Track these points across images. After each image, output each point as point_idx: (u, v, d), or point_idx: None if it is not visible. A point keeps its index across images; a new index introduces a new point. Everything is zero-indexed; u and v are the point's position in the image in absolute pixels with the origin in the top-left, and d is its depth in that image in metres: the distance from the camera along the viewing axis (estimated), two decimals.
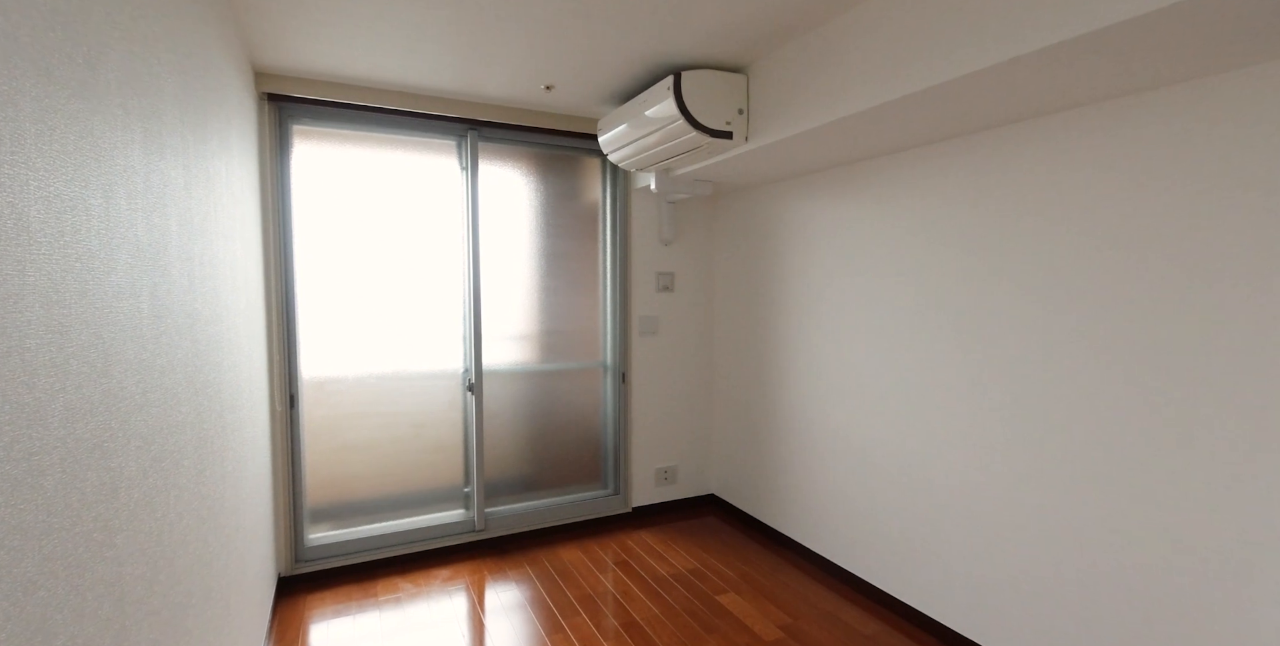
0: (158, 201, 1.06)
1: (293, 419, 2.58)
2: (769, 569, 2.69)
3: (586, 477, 3.28)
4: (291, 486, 2.58)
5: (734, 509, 3.31)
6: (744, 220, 3.17)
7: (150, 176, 1.03)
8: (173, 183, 1.15)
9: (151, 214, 1.02)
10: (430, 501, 2.92)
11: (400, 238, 2.77)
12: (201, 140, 1.44)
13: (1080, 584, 1.75)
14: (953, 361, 2.09)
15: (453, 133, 2.82)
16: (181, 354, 1.16)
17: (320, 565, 2.62)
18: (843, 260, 2.54)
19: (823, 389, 2.67)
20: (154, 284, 1.01)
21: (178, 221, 1.18)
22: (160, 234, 1.06)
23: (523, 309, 3.06)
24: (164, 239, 1.08)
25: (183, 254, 1.20)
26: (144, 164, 1.00)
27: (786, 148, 2.24)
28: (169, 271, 1.10)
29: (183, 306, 1.18)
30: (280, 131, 2.52)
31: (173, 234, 1.14)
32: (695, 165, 2.58)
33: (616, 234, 3.22)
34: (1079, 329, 1.74)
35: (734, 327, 3.29)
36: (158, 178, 1.07)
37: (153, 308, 1.00)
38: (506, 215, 2.98)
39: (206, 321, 1.38)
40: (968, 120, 1.87)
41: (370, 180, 2.70)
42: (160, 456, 1.01)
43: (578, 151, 3.12)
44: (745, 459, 3.22)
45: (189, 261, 1.25)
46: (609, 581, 2.59)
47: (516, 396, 3.07)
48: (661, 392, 3.35)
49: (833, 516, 2.63)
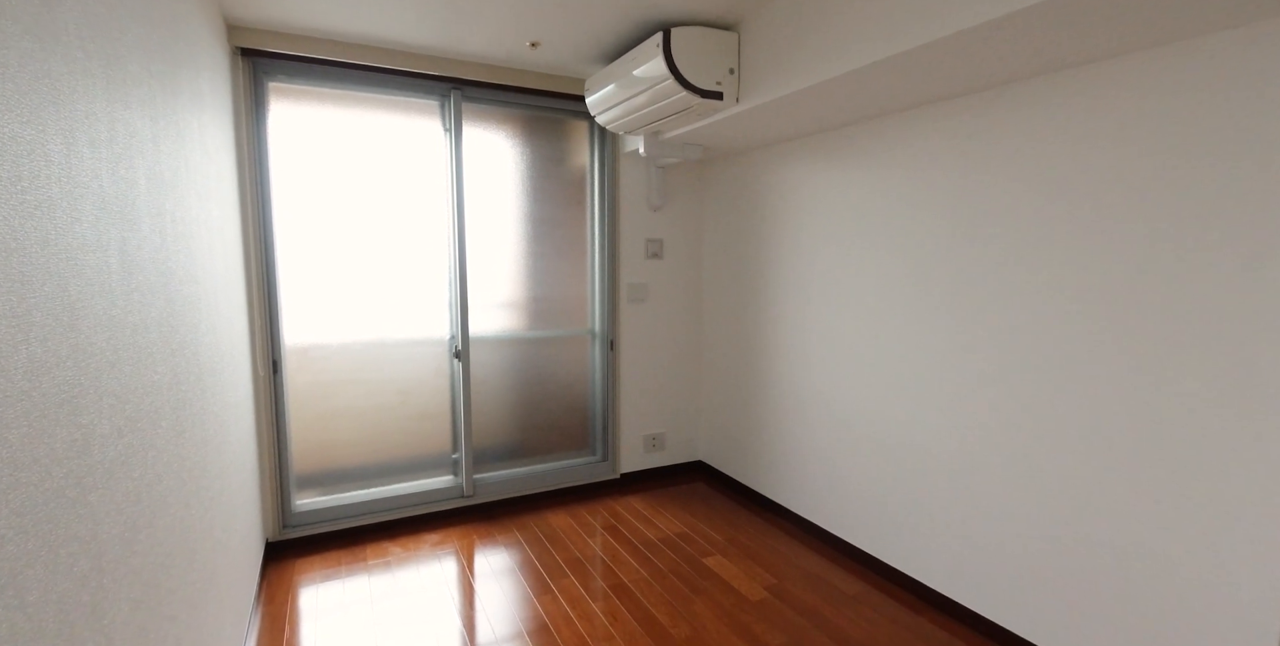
0: (123, 152, 1.01)
1: (276, 384, 2.55)
2: (755, 532, 2.73)
3: (575, 444, 3.29)
4: (277, 452, 2.56)
5: (721, 475, 3.35)
6: (734, 186, 3.13)
7: (115, 126, 0.98)
8: (139, 134, 1.10)
9: (117, 165, 0.97)
10: (418, 468, 2.92)
11: (383, 201, 2.71)
12: (171, 93, 1.38)
13: (1061, 547, 1.79)
14: (941, 329, 2.09)
15: (435, 92, 2.73)
16: (155, 313, 1.13)
17: (308, 530, 2.63)
18: (832, 227, 2.52)
19: (810, 356, 2.67)
20: (123, 238, 0.97)
21: (146, 175, 1.13)
22: (127, 186, 1.02)
23: (509, 275, 3.02)
24: (131, 192, 1.03)
25: (153, 209, 1.16)
26: (107, 112, 0.95)
27: (777, 109, 2.19)
28: (138, 226, 1.06)
29: (155, 264, 1.14)
30: (255, 89, 2.43)
31: (141, 187, 1.09)
32: (685, 128, 2.52)
33: (605, 199, 3.17)
34: (1069, 297, 1.74)
35: (723, 295, 3.27)
36: (123, 127, 1.02)
37: (122, 263, 0.96)
38: (491, 179, 2.92)
39: (181, 281, 1.34)
40: (961, 80, 1.83)
41: (351, 141, 2.62)
42: (135, 416, 0.98)
43: (564, 113, 3.04)
44: (733, 426, 3.24)
45: (160, 217, 1.20)
46: (597, 545, 2.62)
47: (504, 364, 3.06)
48: (650, 360, 3.34)
49: (818, 481, 2.66)
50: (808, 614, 2.11)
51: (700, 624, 2.05)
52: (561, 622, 2.06)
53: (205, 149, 1.74)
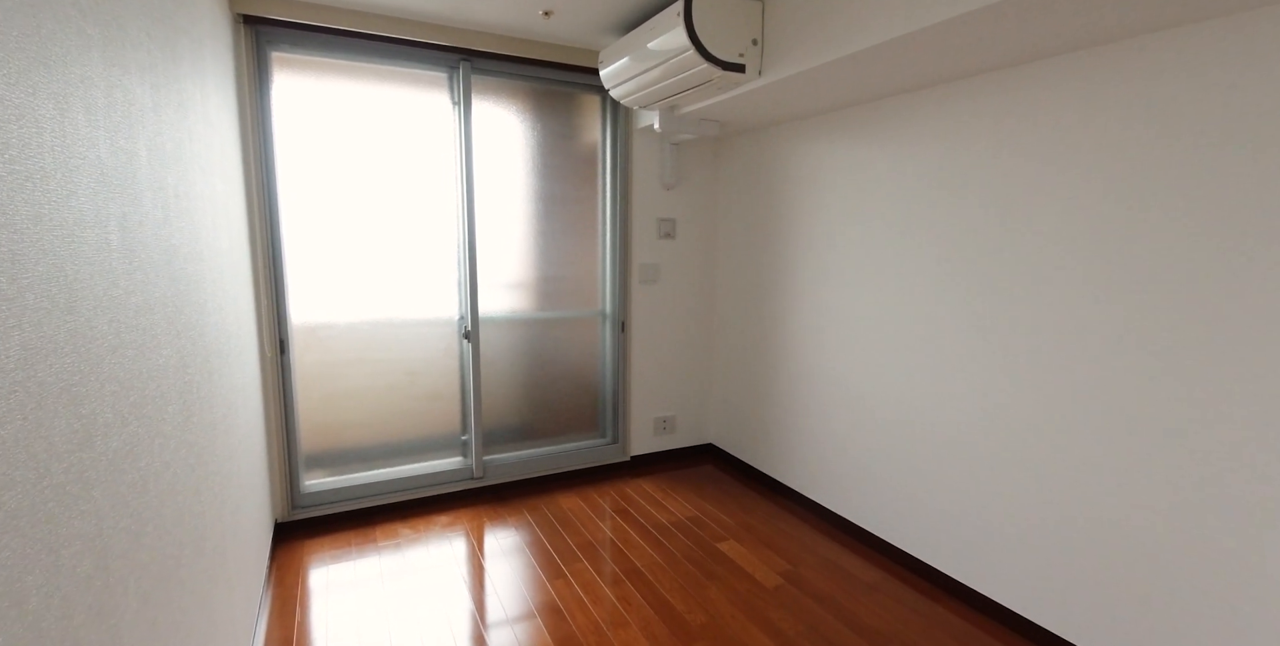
0: (122, 120, 0.94)
1: (284, 365, 2.51)
2: (768, 517, 2.70)
3: (585, 426, 3.26)
4: (285, 433, 2.53)
5: (732, 458, 3.32)
6: (751, 163, 3.04)
7: (113, 92, 0.91)
8: (139, 102, 1.03)
9: (116, 134, 0.91)
10: (428, 449, 2.89)
11: (390, 177, 2.63)
12: (172, 59, 1.30)
13: (1089, 537, 1.75)
14: (969, 313, 2.03)
15: (444, 63, 2.63)
16: (159, 292, 1.07)
17: (318, 511, 2.61)
18: (854, 206, 2.44)
19: (827, 339, 2.61)
20: (123, 213, 0.91)
21: (147, 146, 1.06)
22: (127, 158, 0.95)
23: (519, 255, 2.95)
24: (132, 164, 0.97)
25: (155, 183, 1.09)
26: (104, 76, 0.88)
27: (802, 83, 2.10)
28: (140, 201, 0.99)
29: (158, 241, 1.08)
30: (259, 58, 2.34)
31: (142, 159, 1.03)
32: (703, 102, 2.43)
33: (617, 177, 3.09)
34: (1106, 283, 1.67)
35: (736, 276, 3.20)
36: (121, 94, 0.95)
37: (123, 240, 0.90)
38: (501, 155, 2.83)
39: (186, 258, 1.28)
40: (999, 53, 1.74)
41: (357, 115, 2.54)
42: (140, 403, 0.93)
43: (576, 87, 2.94)
44: (744, 408, 3.20)
45: (162, 192, 1.14)
46: (608, 528, 2.60)
47: (513, 345, 3.01)
48: (661, 342, 3.29)
49: (833, 466, 2.62)
50: (824, 601, 2.08)
51: (716, 611, 2.02)
52: (575, 607, 2.04)
53: (208, 121, 1.66)
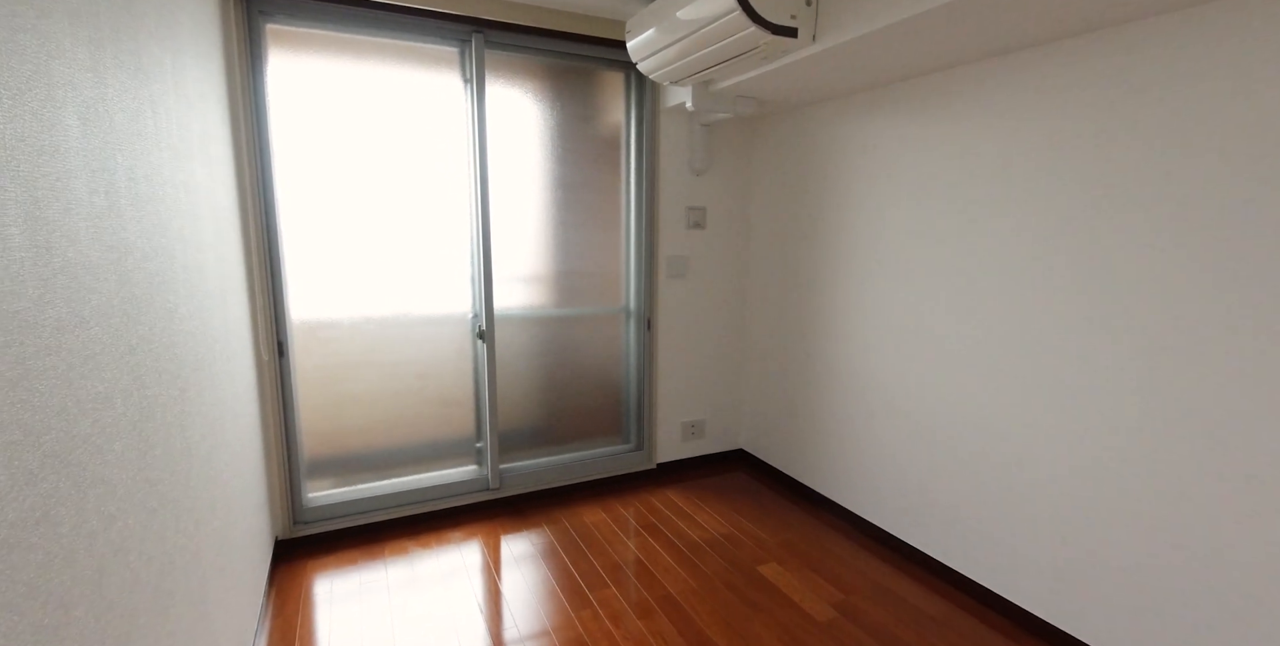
0: (33, 77, 0.71)
1: (283, 369, 2.30)
2: (811, 534, 2.47)
3: (607, 432, 3.04)
4: (285, 443, 2.32)
5: (765, 465, 3.08)
6: (789, 145, 2.78)
7: (15, 35, 0.68)
8: (65, 56, 0.80)
9: (22, 96, 0.68)
10: (440, 457, 2.68)
11: (397, 164, 2.40)
12: (127, 14, 1.07)
13: (1203, 574, 1.50)
14: (1061, 318, 1.77)
15: (455, 37, 2.39)
16: (99, 301, 0.85)
17: (322, 527, 2.40)
18: (913, 192, 2.18)
19: (877, 340, 2.36)
20: (33, 200, 0.69)
21: (79, 116, 0.83)
22: (44, 128, 0.72)
23: (536, 247, 2.72)
24: (50, 136, 0.74)
25: (95, 164, 0.87)
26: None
27: (861, 50, 1.84)
28: (66, 185, 0.77)
29: (96, 236, 0.86)
30: (250, 31, 2.11)
31: (71, 132, 0.80)
32: (743, 75, 2.17)
33: (642, 162, 2.84)
34: (1239, 287, 1.41)
35: (772, 269, 2.95)
36: (33, 40, 0.72)
37: (30, 237, 0.68)
38: (515, 139, 2.59)
39: (145, 256, 1.05)
40: (1105, 5, 1.47)
41: (361, 96, 2.30)
42: (62, 449, 0.71)
43: (598, 63, 2.69)
44: (780, 413, 2.96)
45: (109, 175, 0.91)
46: (636, 547, 2.38)
47: (530, 344, 2.78)
48: (690, 340, 3.05)
49: (883, 481, 2.38)
50: (886, 640, 1.85)
51: None
52: (604, 643, 1.83)
53: (184, 96, 1.44)
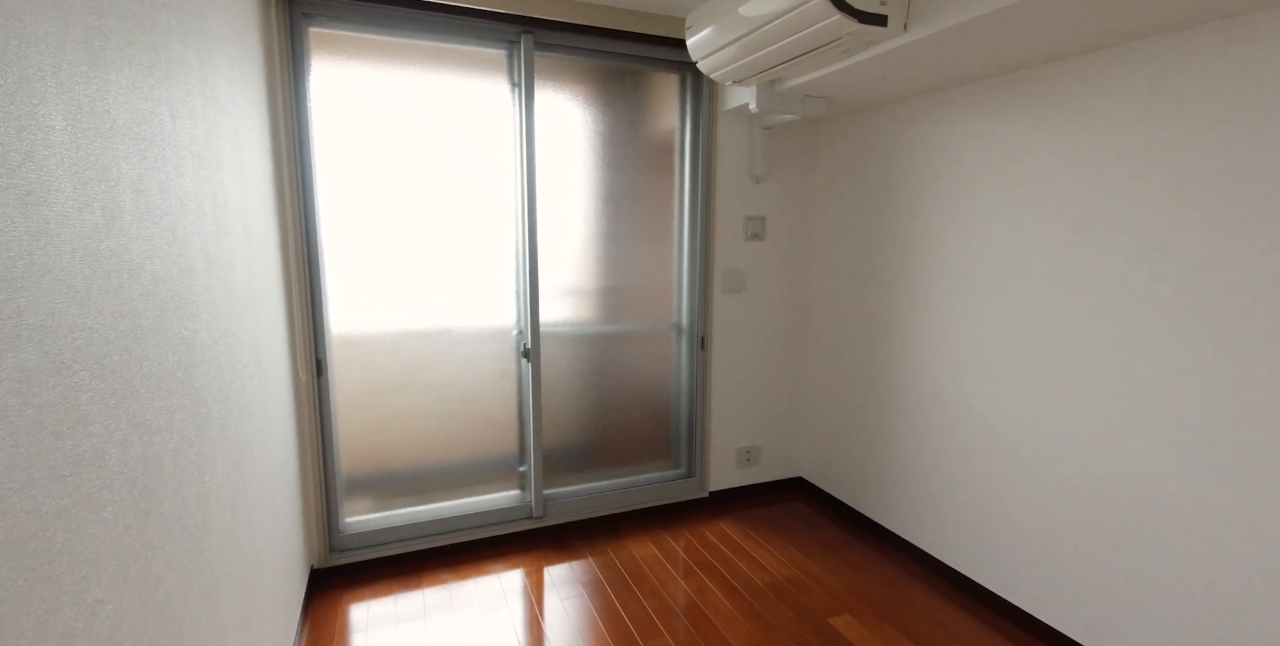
0: (5, 69, 0.57)
1: (321, 389, 2.18)
2: (885, 580, 2.23)
3: (656, 457, 2.85)
4: (322, 468, 2.20)
5: (826, 496, 2.85)
6: (859, 149, 2.55)
7: None
8: (46, 43, 0.66)
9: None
10: (481, 481, 2.53)
11: (440, 171, 2.27)
12: (147, 5, 0.95)
13: None
14: (1203, 345, 1.51)
15: (502, 38, 2.26)
16: (86, 341, 0.70)
17: (358, 555, 2.27)
18: (1011, 200, 1.94)
19: (967, 364, 2.12)
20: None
21: (67, 116, 0.69)
22: (13, 129, 0.58)
23: (582, 259, 2.56)
24: (27, 139, 0.60)
25: (89, 173, 0.72)
26: None
27: (960, 39, 1.62)
28: (43, 199, 0.62)
29: (89, 261, 0.71)
30: (293, 34, 2.01)
31: (55, 135, 0.66)
32: (816, 72, 1.97)
33: (698, 168, 2.66)
34: None
35: (837, 284, 2.72)
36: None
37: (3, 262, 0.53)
38: (561, 145, 2.44)
39: (155, 279, 0.91)
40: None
41: (406, 102, 2.18)
42: (36, 524, 0.56)
43: (651, 64, 2.52)
44: (844, 440, 2.72)
45: (108, 186, 0.77)
46: (691, 588, 2.18)
47: (576, 362, 2.62)
48: (746, 359, 2.84)
49: (976, 525, 2.13)
50: None
51: None
52: None
53: (215, 100, 1.32)
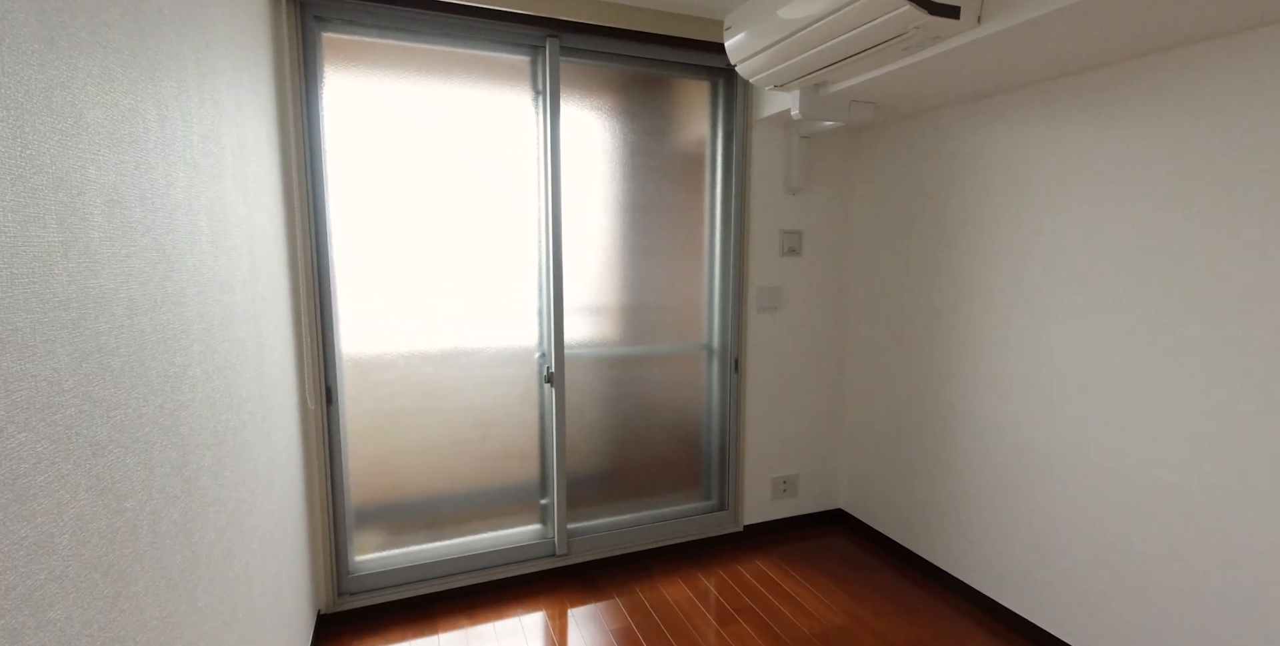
0: None
1: (331, 419, 2.02)
2: (948, 631, 2.02)
3: (685, 486, 2.65)
4: (331, 506, 2.03)
5: (869, 529, 2.64)
6: (906, 158, 2.39)
7: None
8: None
9: None
10: (500, 514, 2.35)
11: (459, 184, 2.13)
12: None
13: None
14: None
15: (526, 43, 2.12)
16: (26, 395, 0.54)
17: (369, 599, 2.09)
18: (1093, 212, 1.76)
19: (1020, 389, 1.92)
20: None
21: (6, 106, 0.54)
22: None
23: (607, 277, 2.40)
24: None
25: (39, 179, 0.57)
26: None
27: (1041, 33, 1.46)
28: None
29: (38, 291, 0.56)
30: (305, 39, 1.88)
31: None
32: (869, 73, 1.81)
33: (730, 180, 2.50)
34: None
35: (879, 301, 2.54)
36: None
37: None
38: (584, 156, 2.29)
39: (132, 309, 0.76)
40: None
41: (422, 111, 2.05)
42: None
43: (682, 70, 2.38)
44: (889, 469, 2.52)
45: (67, 195, 0.62)
46: (731, 638, 1.98)
47: (601, 387, 2.44)
48: (782, 382, 2.66)
49: (1042, 567, 1.92)
50: None
51: None
52: None
53: (215, 102, 1.18)
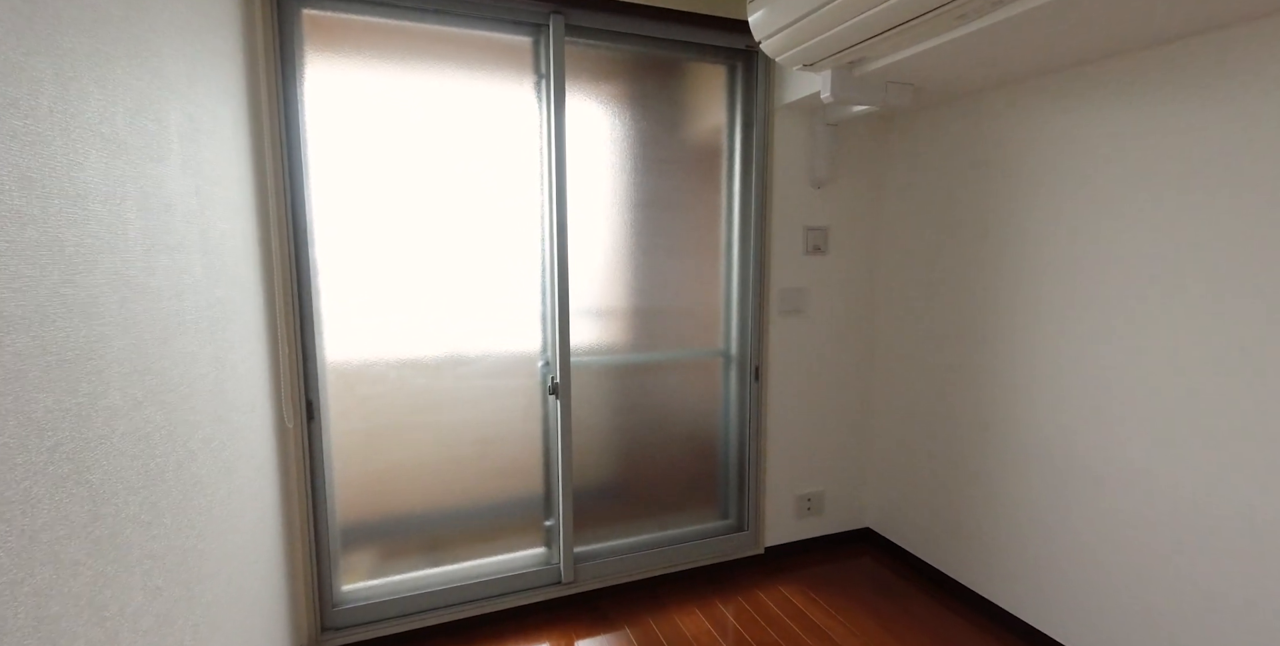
0: None
1: (312, 437, 1.83)
2: None
3: (700, 505, 2.45)
4: (313, 536, 1.84)
5: (899, 551, 2.43)
6: (944, 147, 2.18)
7: None
8: None
9: None
10: (501, 536, 2.15)
11: (448, 177, 1.93)
12: None
13: None
14: None
15: (528, 21, 1.93)
16: None
17: (356, 634, 1.90)
18: (1167, 204, 1.55)
19: (1103, 406, 1.71)
20: None
21: None
22: None
23: (615, 279, 2.20)
24: None
25: None
26: None
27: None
28: None
29: None
30: (281, 15, 1.69)
31: None
32: (911, 49, 1.61)
33: (750, 172, 2.30)
34: None
35: (912, 304, 2.34)
36: None
37: None
38: (590, 146, 2.10)
39: (8, 324, 0.56)
40: None
41: (413, 97, 1.85)
42: None
43: (696, 53, 2.18)
44: (920, 485, 2.32)
45: None
46: None
47: (608, 396, 2.24)
48: (806, 392, 2.45)
49: (1109, 603, 1.71)
50: None
51: None
52: None
53: (155, 71, 0.98)
